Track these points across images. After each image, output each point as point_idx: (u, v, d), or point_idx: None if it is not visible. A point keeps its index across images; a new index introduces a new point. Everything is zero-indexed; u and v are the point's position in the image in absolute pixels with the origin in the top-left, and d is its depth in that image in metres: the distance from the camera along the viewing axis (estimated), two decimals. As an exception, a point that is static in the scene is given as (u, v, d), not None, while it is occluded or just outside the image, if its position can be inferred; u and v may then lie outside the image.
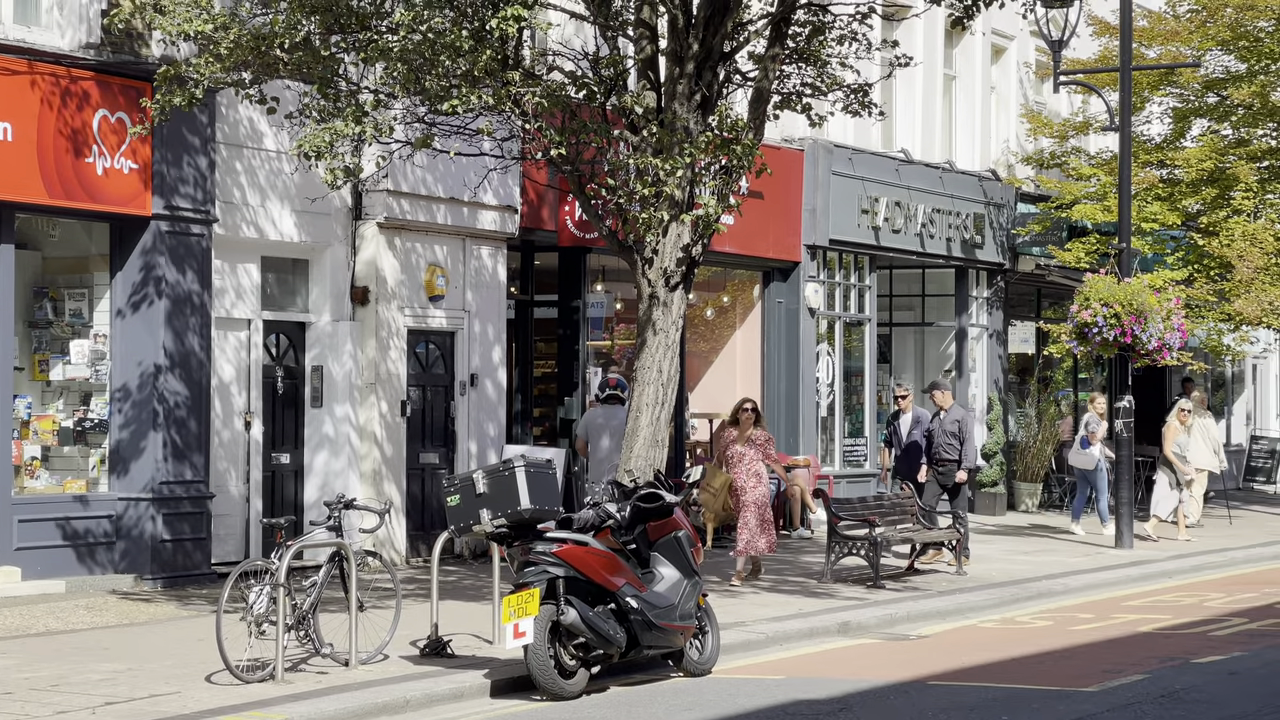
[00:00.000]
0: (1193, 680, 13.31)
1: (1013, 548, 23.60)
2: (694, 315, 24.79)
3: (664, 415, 15.93)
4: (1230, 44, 28.61)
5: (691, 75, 15.64)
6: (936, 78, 28.36)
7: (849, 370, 26.92)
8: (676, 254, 15.73)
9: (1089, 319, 22.91)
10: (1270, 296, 27.04)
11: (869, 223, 26.23)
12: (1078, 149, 30.12)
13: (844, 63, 17.25)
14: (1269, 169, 29.20)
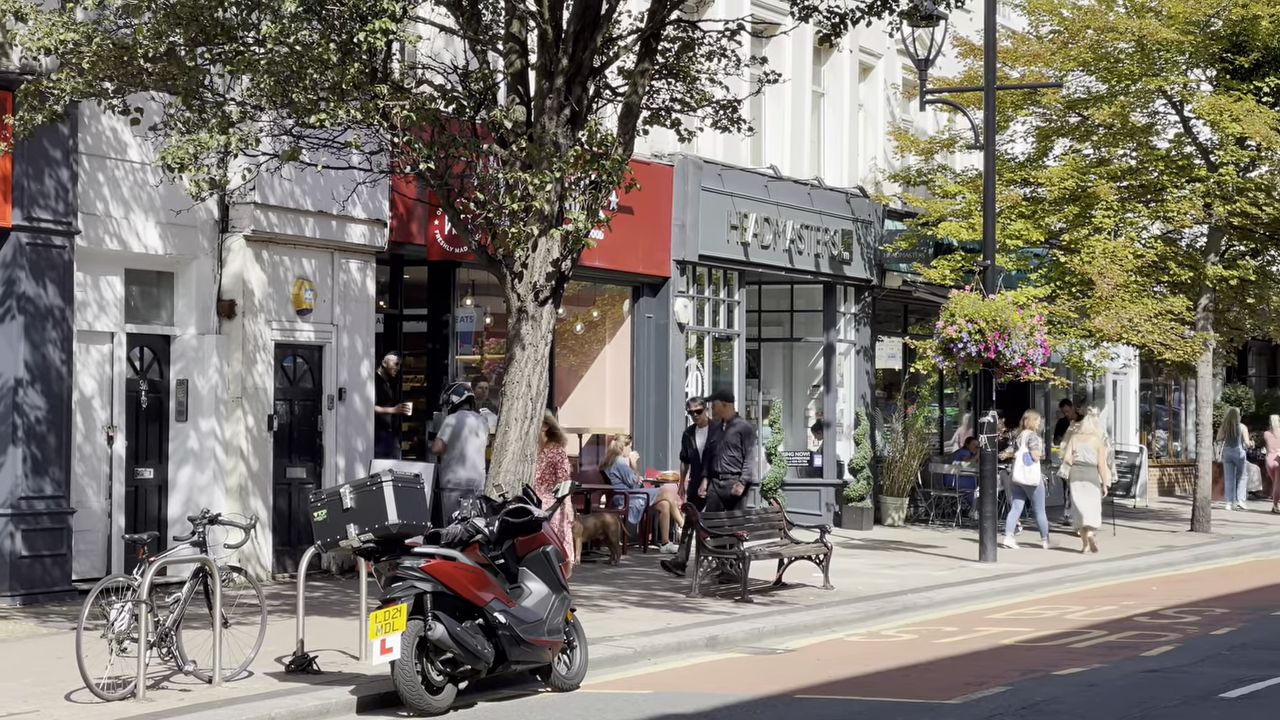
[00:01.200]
0: (1053, 692, 13.50)
1: (879, 562, 23.81)
2: (564, 330, 24.79)
3: (533, 430, 15.91)
4: (1091, 65, 29.11)
5: (561, 90, 15.66)
6: (805, 95, 28.60)
7: (718, 385, 27.03)
8: (546, 268, 15.73)
9: (954, 335, 23.19)
10: (1129, 313, 27.51)
11: (738, 238, 26.38)
12: (944, 167, 30.50)
13: (713, 79, 17.34)
14: (1128, 188, 29.74)
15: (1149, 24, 27.85)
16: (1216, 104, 27.98)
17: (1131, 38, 28.31)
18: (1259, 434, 42.22)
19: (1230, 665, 14.99)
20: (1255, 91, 28.29)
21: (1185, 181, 29.35)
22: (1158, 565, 25.16)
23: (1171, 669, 14.80)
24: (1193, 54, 28.86)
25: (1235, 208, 28.62)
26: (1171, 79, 28.71)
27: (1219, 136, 28.83)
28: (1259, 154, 29.09)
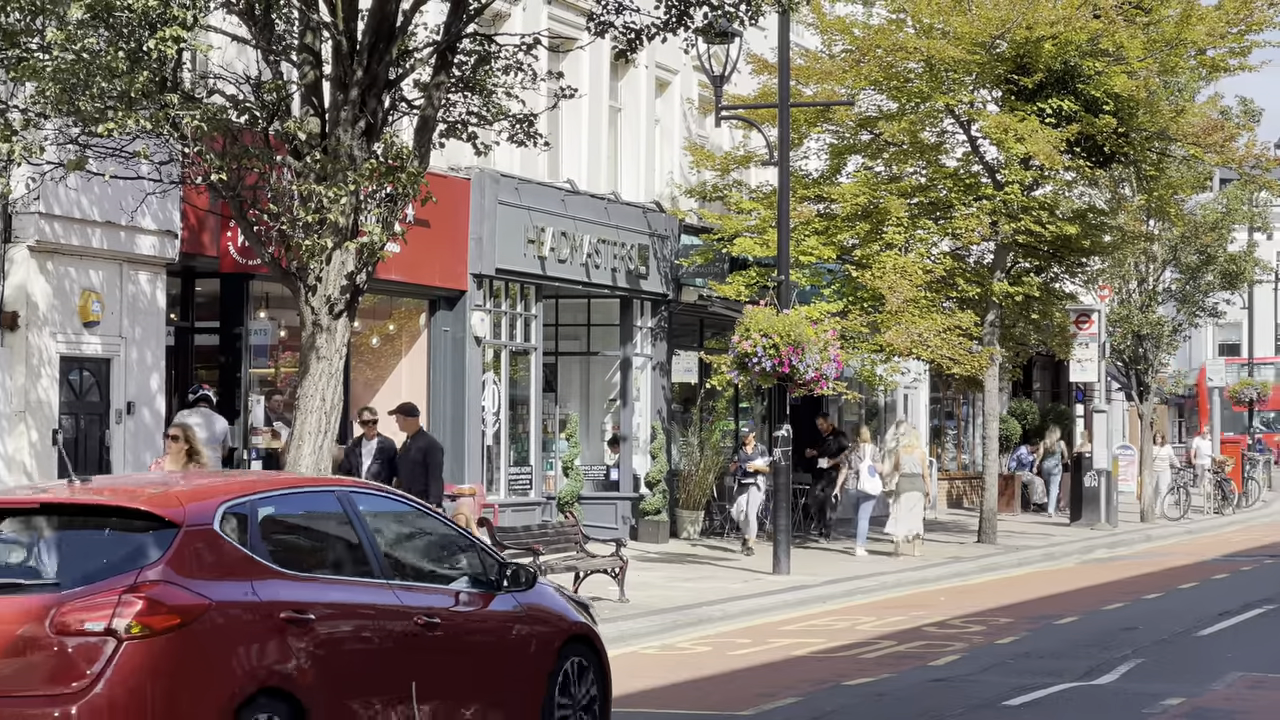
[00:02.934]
0: (843, 702, 13.71)
1: (675, 575, 23.96)
2: (359, 343, 24.59)
3: (327, 444, 15.76)
4: (882, 84, 29.64)
5: (356, 102, 15.54)
6: (602, 109, 28.73)
7: (515, 399, 27.02)
8: (340, 281, 15.59)
9: (749, 349, 23.45)
10: (919, 328, 28.03)
11: (535, 252, 26.40)
12: (739, 182, 30.83)
13: (510, 92, 17.33)
14: (918, 205, 30.34)
15: (937, 44, 28.45)
16: (1002, 123, 28.66)
17: (920, 57, 28.88)
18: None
19: (1013, 674, 15.34)
20: (1039, 112, 29.02)
21: (973, 199, 30.02)
22: (946, 576, 25.68)
23: (957, 678, 15.10)
24: (979, 74, 29.54)
25: (1020, 226, 29.33)
26: (959, 98, 29.37)
27: (1004, 156, 29.55)
28: (1042, 173, 29.87)
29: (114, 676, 8.16)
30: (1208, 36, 30.42)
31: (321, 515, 9.84)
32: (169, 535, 8.64)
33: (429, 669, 9.62)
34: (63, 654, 8.18)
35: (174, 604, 8.38)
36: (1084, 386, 39.10)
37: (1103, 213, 33.79)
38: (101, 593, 8.33)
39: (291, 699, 8.77)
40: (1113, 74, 29.00)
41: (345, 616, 9.25)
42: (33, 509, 9.08)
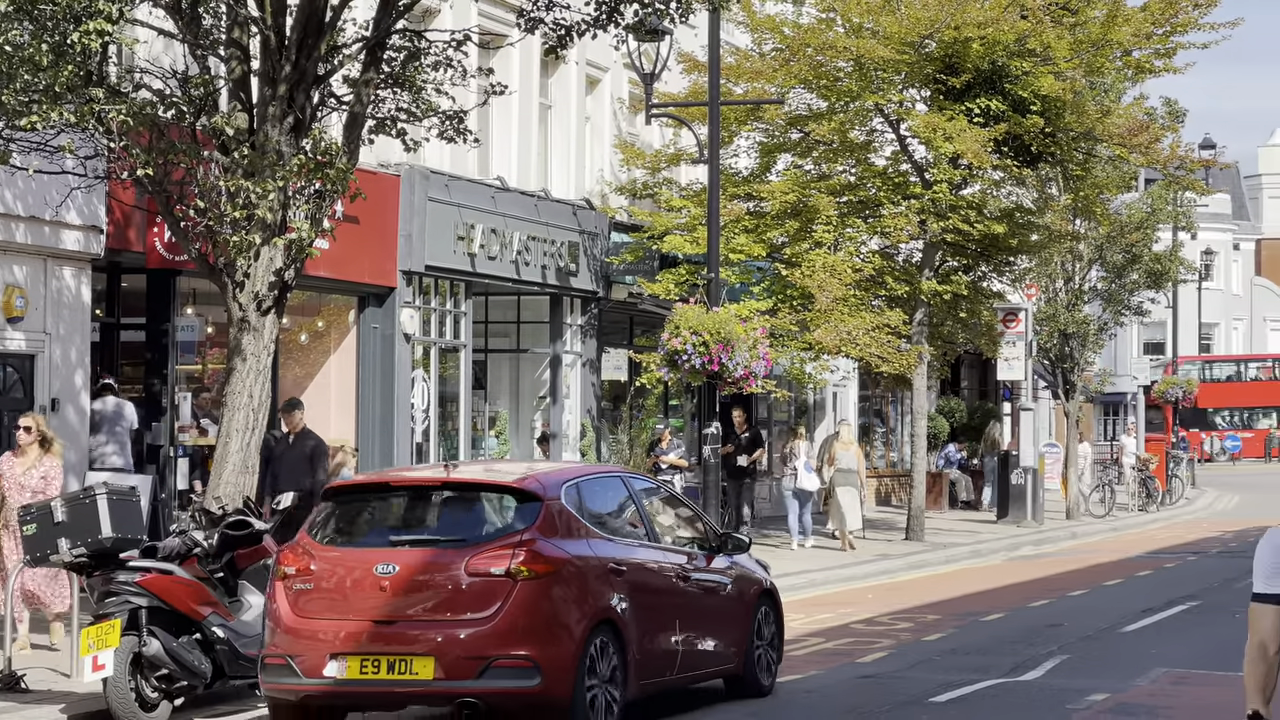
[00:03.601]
0: (771, 699, 13.74)
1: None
2: (288, 340, 24.45)
3: (254, 441, 15.67)
4: (811, 83, 29.75)
5: (284, 97, 15.46)
6: (533, 107, 28.69)
7: (444, 396, 26.96)
8: (268, 278, 15.51)
9: (679, 347, 23.47)
10: (848, 326, 28.15)
11: (465, 249, 26.33)
12: (669, 180, 30.86)
13: (439, 89, 17.29)
14: (848, 203, 30.46)
15: (866, 44, 28.57)
16: (930, 123, 28.81)
17: (850, 56, 28.99)
18: (971, 444, 43.58)
19: (940, 670, 15.42)
20: (967, 112, 29.20)
21: (901, 198, 30.17)
22: (874, 573, 25.80)
23: (885, 674, 15.17)
24: (908, 74, 29.68)
25: (948, 225, 29.50)
26: (888, 97, 29.51)
27: (933, 155, 29.71)
28: (970, 173, 30.04)
29: (512, 605, 11.22)
30: (1133, 38, 30.70)
31: (615, 494, 13.10)
32: (536, 507, 11.72)
33: (684, 608, 12.88)
34: (475, 589, 11.25)
35: (548, 556, 11.46)
36: (1011, 385, 39.38)
37: (1030, 212, 34.02)
38: (499, 547, 11.42)
39: (615, 627, 11.80)
40: (1040, 74, 29.22)
41: (641, 570, 12.45)
42: (435, 486, 12.12)
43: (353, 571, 11.48)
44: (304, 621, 11.39)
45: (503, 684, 11.13)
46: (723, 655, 13.40)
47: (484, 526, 11.87)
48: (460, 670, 11.11)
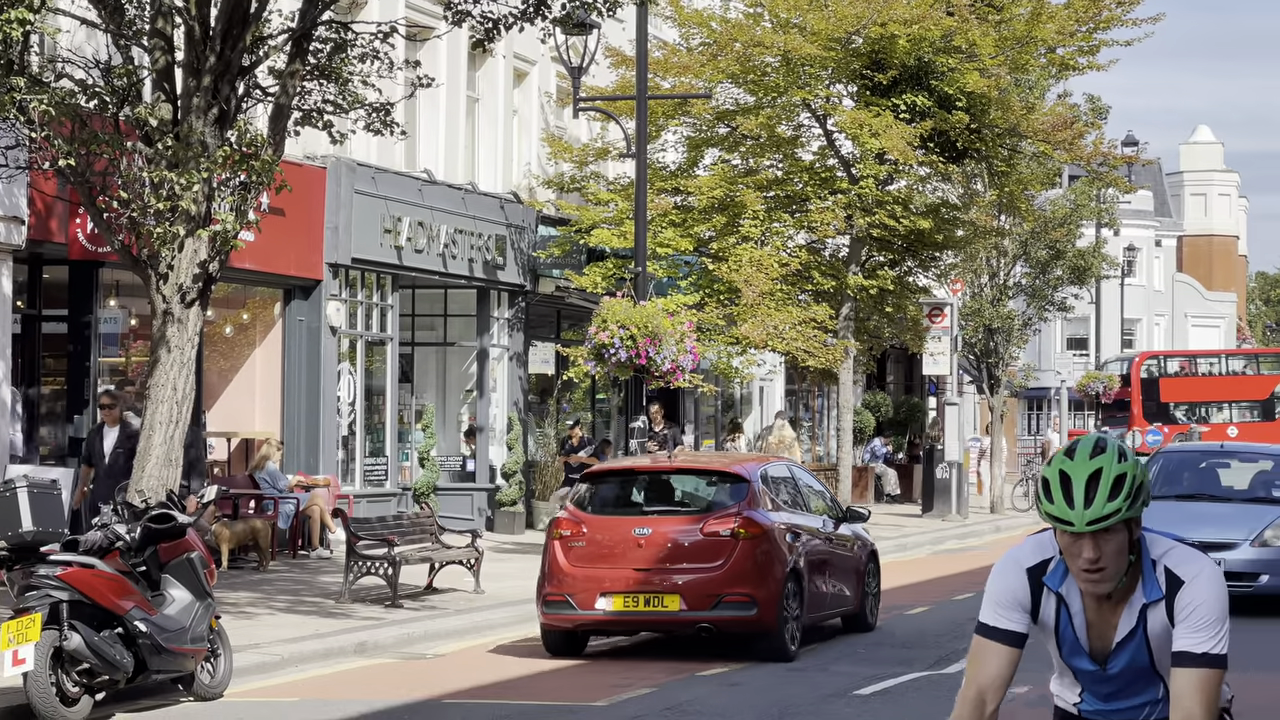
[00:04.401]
0: (697, 692, 13.78)
1: (531, 566, 23.82)
2: (213, 332, 24.31)
3: (178, 434, 15.58)
4: (739, 78, 29.82)
5: (209, 89, 15.37)
6: (460, 99, 28.61)
7: (370, 389, 26.87)
8: (193, 270, 15.42)
9: (606, 340, 23.46)
10: (774, 321, 28.24)
11: (392, 242, 26.25)
12: (597, 174, 30.86)
13: (366, 81, 17.24)
14: (775, 198, 30.55)
15: (793, 39, 28.66)
16: (857, 119, 28.94)
17: (777, 52, 29.09)
18: (896, 438, 43.84)
19: (865, 663, 15.51)
20: (894, 108, 29.35)
21: (828, 193, 30.29)
22: (800, 566, 25.88)
23: (811, 668, 15.25)
24: (835, 69, 29.80)
25: (875, 220, 29.64)
26: (815, 93, 29.62)
27: (859, 150, 29.84)
28: (896, 168, 30.20)
29: (736, 557, 15.28)
30: (1057, 35, 30.95)
31: (784, 477, 17.25)
32: (744, 487, 15.81)
33: (828, 562, 16.82)
34: (708, 545, 15.38)
35: (758, 522, 15.52)
36: (937, 379, 39.64)
37: (955, 208, 34.24)
38: (724, 516, 15.51)
39: (797, 574, 15.68)
40: (965, 71, 29.40)
41: (806, 533, 16.41)
42: (669, 471, 16.78)
43: (615, 533, 15.65)
44: (578, 570, 15.48)
45: (730, 614, 15.22)
46: (848, 599, 17.26)
47: (710, 501, 16.14)
48: (699, 604, 15.19)
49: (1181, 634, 4.47)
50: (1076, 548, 4.45)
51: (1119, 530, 4.43)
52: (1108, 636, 4.63)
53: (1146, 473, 4.46)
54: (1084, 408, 64.08)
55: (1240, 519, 19.31)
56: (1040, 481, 4.47)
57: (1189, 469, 21.00)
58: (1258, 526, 19.15)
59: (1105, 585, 4.49)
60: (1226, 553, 18.48)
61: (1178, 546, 4.57)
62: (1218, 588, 4.49)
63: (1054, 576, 4.63)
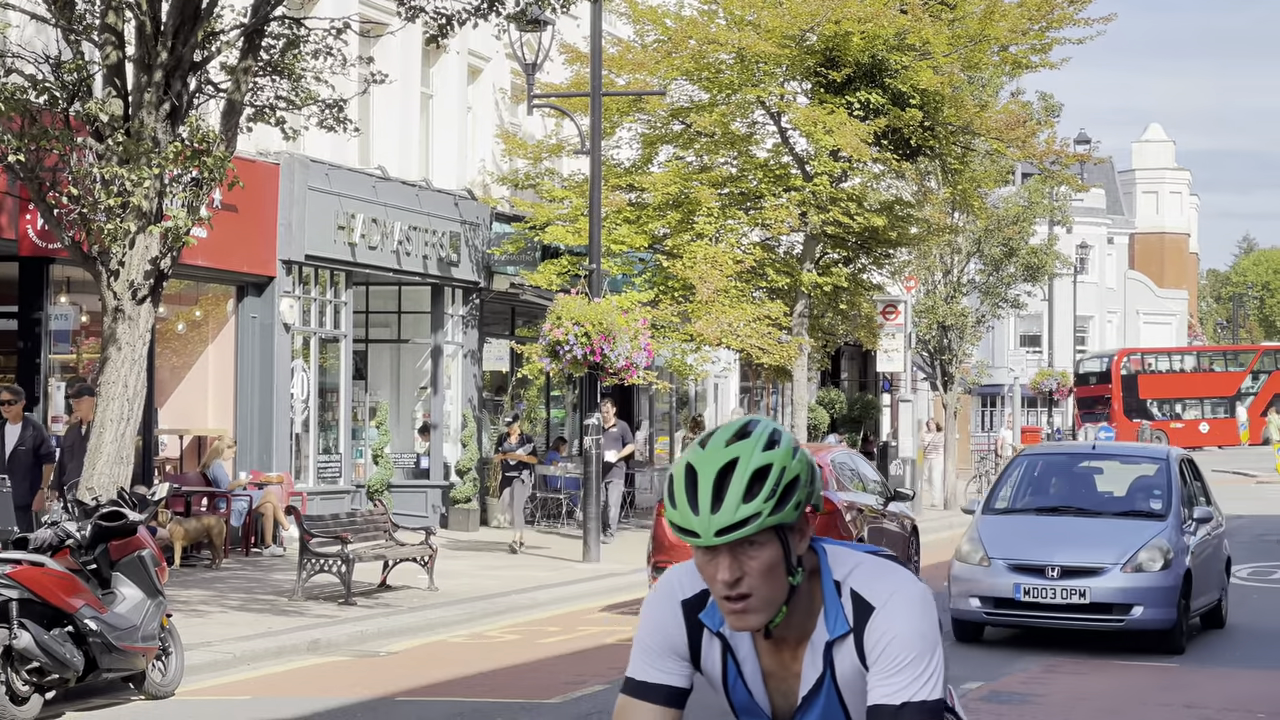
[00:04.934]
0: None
1: (484, 563, 23.92)
2: (165, 329, 24.19)
3: (129, 431, 15.50)
4: (693, 75, 29.84)
5: (160, 84, 15.29)
6: (414, 96, 28.54)
7: (324, 386, 26.78)
8: (144, 267, 15.34)
9: (561, 337, 23.47)
10: (729, 318, 28.28)
11: (345, 239, 26.17)
12: (551, 171, 30.83)
13: (319, 77, 17.18)
14: (729, 195, 30.58)
15: (748, 36, 28.69)
16: (811, 116, 28.99)
17: (732, 49, 29.11)
18: (851, 435, 43.92)
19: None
20: (847, 105, 29.41)
21: (782, 190, 30.33)
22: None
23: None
24: (789, 67, 29.85)
25: (829, 217, 29.70)
26: (769, 90, 29.66)
27: (814, 148, 29.90)
28: (850, 166, 30.26)
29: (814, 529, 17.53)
30: (1010, 33, 31.07)
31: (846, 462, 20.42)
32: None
33: (881, 533, 19.35)
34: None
35: (831, 500, 17.94)
36: (891, 376, 39.75)
37: (909, 205, 34.34)
38: None
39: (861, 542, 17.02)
40: (919, 69, 29.49)
41: (865, 510, 19.11)
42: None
43: None
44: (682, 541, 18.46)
45: None
46: None
47: None
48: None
49: (875, 680, 3.36)
50: (711, 567, 3.35)
51: (767, 542, 3.31)
52: (791, 689, 3.49)
53: (810, 465, 3.35)
54: (1037, 404, 64.40)
55: (1111, 537, 16.36)
56: (666, 479, 3.43)
57: (1056, 475, 18.17)
58: (1131, 546, 16.12)
59: (754, 619, 3.36)
60: (1092, 579, 15.94)
61: (866, 561, 3.45)
62: (919, 610, 3.37)
63: (714, 612, 3.49)
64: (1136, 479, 17.70)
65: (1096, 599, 15.90)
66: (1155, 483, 17.29)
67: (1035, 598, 16.02)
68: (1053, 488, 17.81)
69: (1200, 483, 18.31)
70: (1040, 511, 17.31)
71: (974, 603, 16.43)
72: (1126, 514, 17.03)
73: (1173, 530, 16.48)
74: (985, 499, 17.85)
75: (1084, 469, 18.26)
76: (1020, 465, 18.33)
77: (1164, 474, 17.32)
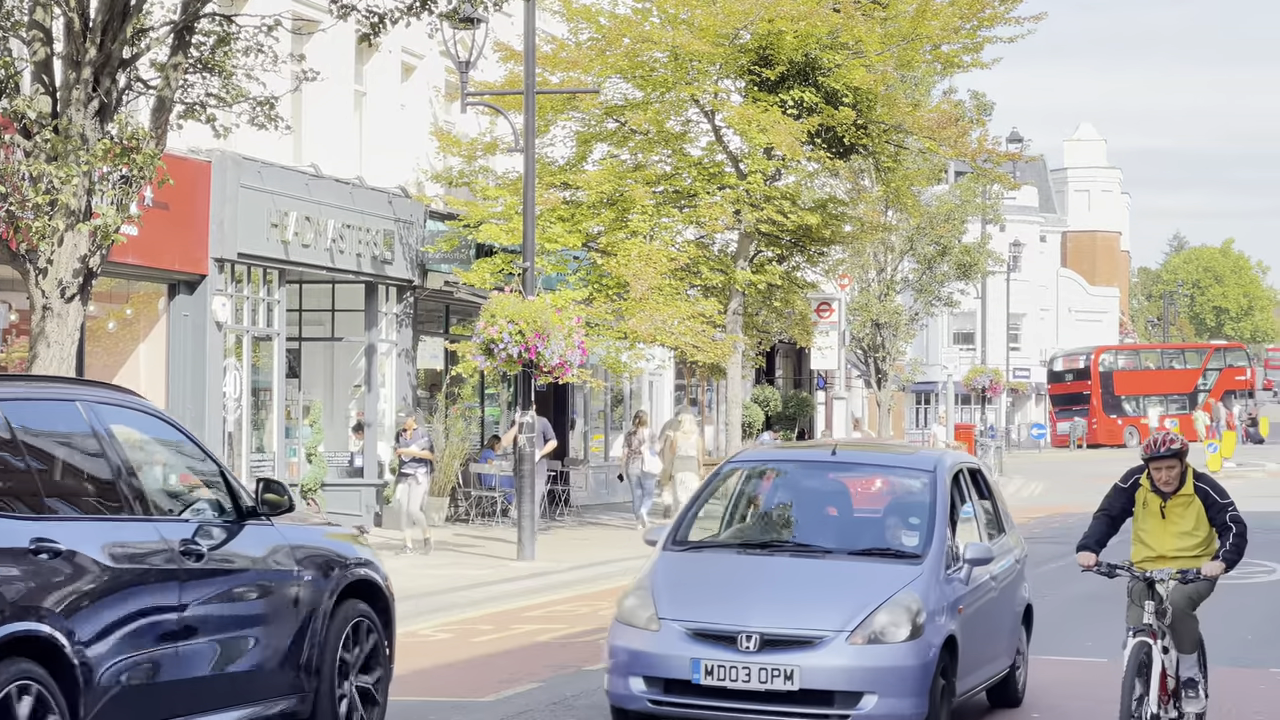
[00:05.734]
0: (583, 687, 13.80)
1: (419, 562, 23.86)
2: (95, 327, 24.01)
3: (58, 431, 15.38)
4: (628, 73, 29.87)
5: (89, 81, 15.18)
6: (347, 93, 28.44)
7: (257, 385, 26.64)
8: (73, 265, 15.24)
9: (495, 336, 23.46)
10: (663, 315, 28.32)
11: (279, 236, 26.05)
12: (485, 169, 30.78)
13: (250, 74, 17.10)
14: (663, 193, 30.63)
15: (682, 35, 28.75)
16: (745, 114, 29.08)
17: (666, 48, 29.16)
18: (785, 433, 44.07)
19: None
20: (781, 104, 29.51)
21: (717, 188, 30.41)
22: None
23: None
24: (723, 65, 29.93)
25: (763, 215, 29.80)
26: (703, 88, 29.73)
27: (748, 146, 29.98)
28: (784, 164, 30.37)
29: None
30: (942, 32, 31.25)
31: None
32: None
33: None
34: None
35: None
36: (825, 374, 39.92)
37: (843, 203, 34.53)
38: None
39: None
40: (852, 67, 29.62)
41: None
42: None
43: None
44: None
45: None
46: None
47: None
48: None
49: None
50: None
51: None
52: None
53: None
54: (970, 401, 64.78)
55: (838, 589, 11.17)
56: None
57: (779, 493, 12.83)
58: (865, 604, 10.92)
59: None
60: (804, 654, 10.67)
61: None
62: None
63: None
64: (890, 502, 12.50)
65: (808, 684, 10.60)
66: (914, 506, 12.05)
67: (721, 680, 10.67)
68: (773, 512, 12.68)
69: (990, 502, 13.27)
70: (746, 548, 11.86)
71: (636, 684, 11.01)
72: (868, 554, 11.61)
73: (930, 578, 11.22)
74: (673, 525, 12.14)
75: (817, 485, 12.67)
76: (729, 477, 12.72)
77: (928, 493, 11.95)
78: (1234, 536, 11.01)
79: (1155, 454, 11.01)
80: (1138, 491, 11.26)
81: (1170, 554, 11.15)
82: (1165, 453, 10.97)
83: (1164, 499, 11.13)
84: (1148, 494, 11.20)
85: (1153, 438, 11.14)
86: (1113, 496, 11.34)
